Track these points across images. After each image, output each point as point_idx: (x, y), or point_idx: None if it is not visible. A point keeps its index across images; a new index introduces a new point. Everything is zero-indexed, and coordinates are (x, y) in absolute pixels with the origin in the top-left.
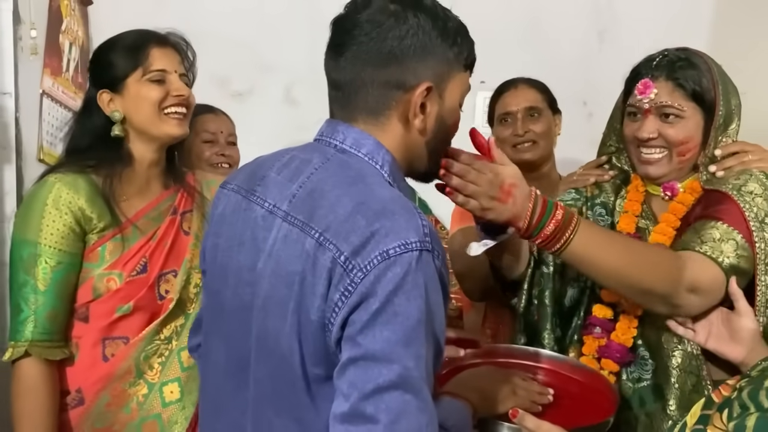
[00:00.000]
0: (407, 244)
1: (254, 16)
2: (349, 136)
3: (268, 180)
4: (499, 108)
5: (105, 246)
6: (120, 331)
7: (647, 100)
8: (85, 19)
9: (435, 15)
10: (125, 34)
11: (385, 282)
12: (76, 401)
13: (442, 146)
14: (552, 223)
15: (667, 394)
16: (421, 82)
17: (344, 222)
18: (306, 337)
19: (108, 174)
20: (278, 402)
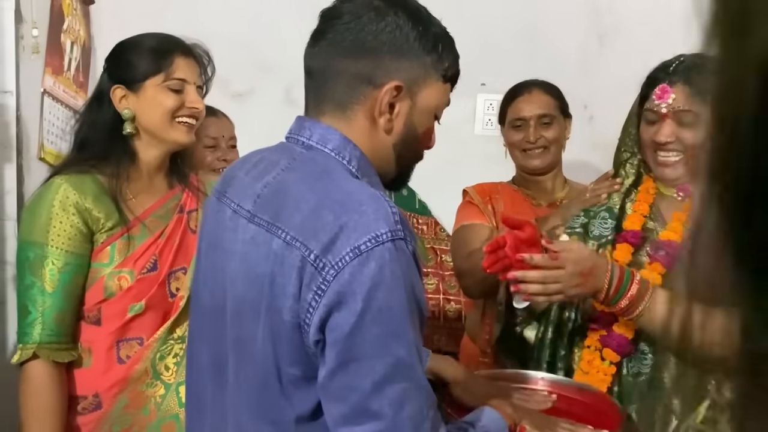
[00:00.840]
0: (378, 237)
1: (255, 17)
2: (315, 132)
3: (237, 181)
4: (512, 112)
5: (114, 245)
6: (134, 332)
7: (665, 105)
8: (86, 18)
9: (417, 17)
10: (151, 36)
11: (362, 279)
12: (93, 406)
13: (411, 155)
14: (627, 298)
15: (669, 388)
16: (390, 80)
17: (310, 219)
18: (280, 338)
19: (113, 173)
20: (253, 405)
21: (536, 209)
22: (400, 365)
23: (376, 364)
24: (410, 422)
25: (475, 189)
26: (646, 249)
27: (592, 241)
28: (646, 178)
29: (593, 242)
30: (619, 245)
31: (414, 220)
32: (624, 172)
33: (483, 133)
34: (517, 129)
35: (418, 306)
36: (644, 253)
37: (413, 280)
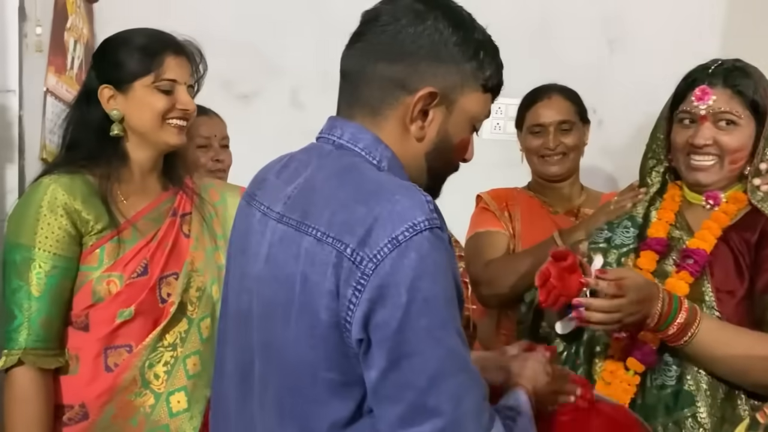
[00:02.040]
0: (415, 226)
1: (261, 19)
2: (346, 132)
3: (267, 183)
4: (531, 118)
5: (103, 248)
6: (122, 339)
7: (704, 107)
8: (90, 16)
9: (459, 23)
10: (140, 33)
11: (404, 270)
12: (80, 416)
13: (444, 165)
14: (675, 325)
15: (698, 401)
16: (425, 86)
17: (341, 213)
18: (315, 340)
19: (104, 174)
20: (283, 412)
21: (554, 217)
22: (453, 357)
23: (429, 358)
24: (471, 416)
25: (490, 195)
26: (672, 257)
27: (614, 251)
28: (671, 186)
29: (615, 251)
30: (643, 253)
31: None
32: (650, 180)
33: (491, 137)
34: (536, 135)
35: (459, 293)
36: (670, 261)
37: (453, 266)
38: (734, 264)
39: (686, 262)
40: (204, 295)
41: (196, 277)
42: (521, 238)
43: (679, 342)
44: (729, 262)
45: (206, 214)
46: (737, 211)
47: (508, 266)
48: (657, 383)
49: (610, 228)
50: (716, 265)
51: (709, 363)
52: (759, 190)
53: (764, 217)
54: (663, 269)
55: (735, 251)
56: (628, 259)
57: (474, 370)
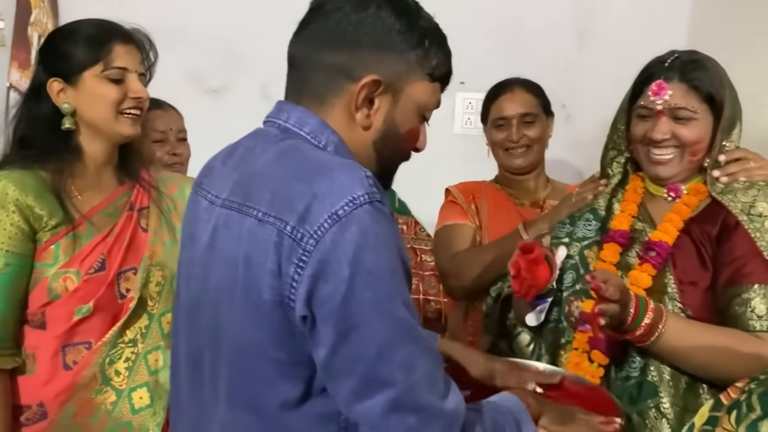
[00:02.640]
0: (354, 200)
1: (230, 11)
2: (292, 115)
3: (214, 171)
4: (494, 111)
5: (58, 244)
6: (81, 336)
7: (661, 102)
8: (54, 11)
9: (402, 12)
10: (86, 23)
11: (344, 245)
12: (38, 416)
13: (393, 153)
14: (642, 327)
15: (660, 391)
16: (368, 74)
17: (281, 192)
18: (261, 320)
19: (57, 169)
20: (233, 394)
21: (519, 209)
22: (401, 327)
23: (377, 329)
24: (424, 384)
25: (458, 188)
26: (635, 250)
27: (576, 244)
28: (633, 177)
29: (577, 244)
30: (606, 245)
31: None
32: (611, 171)
33: (462, 131)
34: (500, 128)
35: (405, 265)
36: (633, 254)
37: (397, 239)
38: (697, 255)
39: (649, 255)
40: (164, 289)
41: (155, 271)
42: (487, 230)
43: (645, 342)
44: (691, 253)
45: (164, 207)
46: (698, 203)
47: (474, 258)
48: (621, 375)
49: (571, 222)
50: (678, 257)
51: (674, 360)
52: (719, 181)
53: (724, 209)
54: (626, 261)
55: (697, 243)
56: (591, 252)
57: (425, 340)
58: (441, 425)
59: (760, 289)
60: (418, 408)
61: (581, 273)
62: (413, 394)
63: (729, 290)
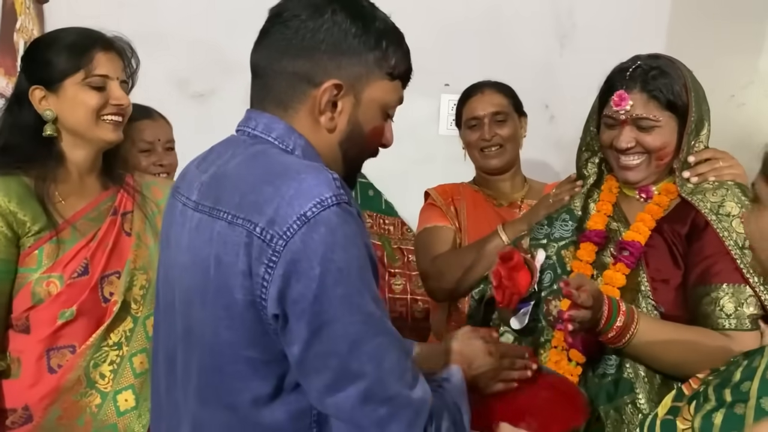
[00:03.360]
0: (322, 201)
1: (216, 17)
2: (260, 122)
3: (188, 175)
4: (466, 112)
5: (42, 249)
6: (65, 340)
7: (623, 112)
8: (40, 17)
9: (357, 15)
10: (69, 31)
11: (314, 245)
12: (23, 419)
13: (359, 152)
14: (614, 329)
15: (636, 388)
16: (329, 78)
17: (250, 195)
18: (233, 321)
19: (40, 175)
20: (205, 392)
21: (498, 209)
22: (370, 321)
23: (348, 324)
24: (393, 375)
25: (437, 190)
26: (610, 249)
27: (553, 244)
28: (608, 177)
29: (555, 245)
30: (582, 245)
31: (380, 220)
32: (586, 171)
33: (447, 133)
34: (473, 128)
35: (372, 261)
36: (608, 253)
37: (364, 237)
38: (669, 254)
39: (622, 254)
40: (149, 293)
41: (139, 275)
42: (467, 232)
43: (618, 344)
44: (663, 252)
45: (148, 211)
46: (669, 202)
47: (454, 260)
48: (598, 372)
49: (549, 223)
50: (651, 256)
51: (646, 359)
52: (689, 182)
53: (694, 209)
54: (602, 261)
55: (668, 241)
56: (568, 252)
57: (393, 332)
58: (410, 414)
59: (728, 288)
60: (388, 399)
61: (559, 273)
62: (383, 386)
63: (698, 289)
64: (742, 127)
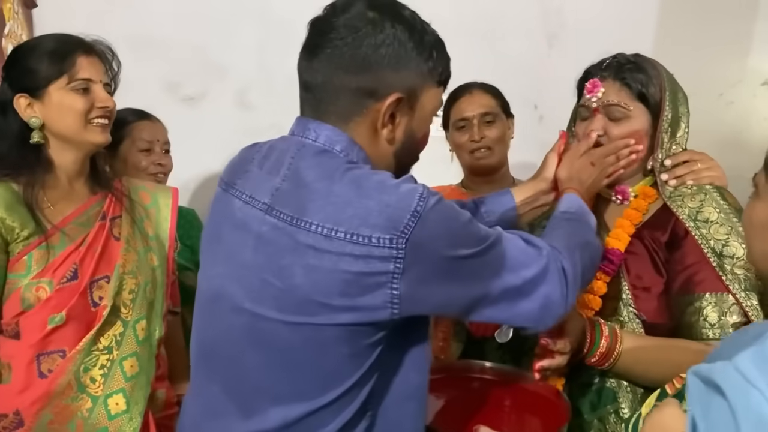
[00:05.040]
0: (422, 195)
1: (204, 20)
2: (321, 134)
3: (250, 174)
4: (455, 114)
5: (31, 254)
6: (55, 345)
7: (595, 99)
8: (29, 22)
9: (413, 27)
10: (47, 38)
11: (431, 224)
12: (14, 424)
13: (410, 159)
14: (597, 354)
15: (619, 397)
16: (392, 92)
17: (349, 209)
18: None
19: (28, 181)
20: (280, 388)
21: None
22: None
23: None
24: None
25: None
26: None
27: None
28: None
29: None
30: None
31: None
32: None
33: (437, 134)
34: (462, 130)
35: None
36: None
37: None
38: (650, 261)
39: (603, 262)
40: (138, 297)
41: (128, 279)
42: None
43: (603, 366)
44: (644, 259)
45: (137, 216)
46: (648, 206)
47: None
48: (581, 381)
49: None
50: (632, 263)
51: (630, 377)
52: (667, 185)
53: (674, 215)
54: None
55: (649, 248)
56: None
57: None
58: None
59: (711, 297)
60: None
61: None
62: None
63: (682, 299)
64: (730, 126)
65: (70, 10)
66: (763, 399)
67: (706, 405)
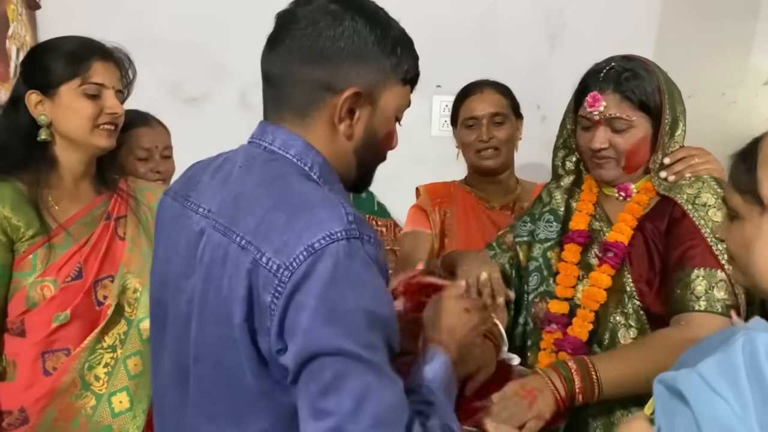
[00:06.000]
0: (332, 235)
1: (206, 21)
2: (277, 138)
3: (202, 185)
4: (464, 112)
5: (36, 254)
6: (60, 343)
7: (597, 113)
8: (32, 23)
9: (375, 21)
10: (68, 40)
11: (315, 277)
12: (19, 421)
13: (373, 157)
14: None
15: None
16: (349, 86)
17: (263, 222)
18: (241, 342)
19: (33, 180)
20: (214, 408)
21: (489, 212)
22: (358, 360)
23: (333, 361)
24: (370, 417)
25: (426, 190)
26: (594, 250)
27: (538, 245)
28: (587, 177)
29: (540, 245)
30: (566, 246)
31: (373, 222)
32: (562, 170)
33: (440, 134)
34: (470, 129)
35: (381, 319)
36: (592, 254)
37: (372, 281)
38: (656, 253)
39: (607, 255)
40: (142, 296)
41: (132, 278)
42: (455, 237)
43: (593, 399)
44: (645, 251)
45: (142, 216)
46: (649, 200)
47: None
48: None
49: (531, 220)
50: (635, 256)
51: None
52: (666, 181)
53: (671, 203)
54: (587, 262)
55: (651, 240)
56: (553, 253)
57: (388, 373)
58: None
59: (701, 271)
60: None
61: (545, 275)
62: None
63: (674, 275)
64: (732, 126)
65: (73, 11)
66: (728, 408)
67: (671, 413)
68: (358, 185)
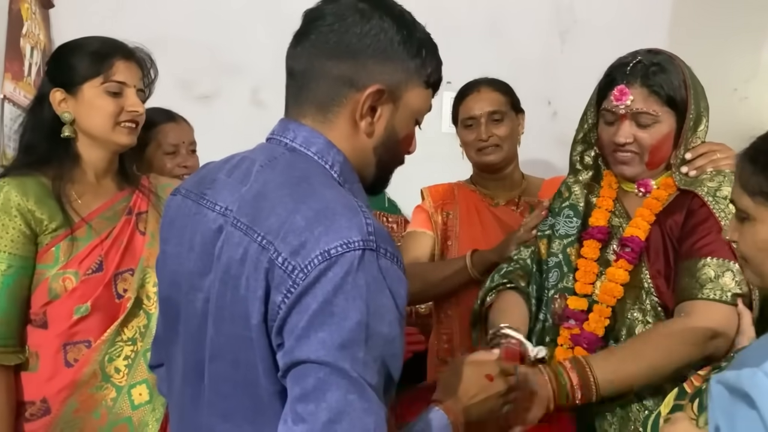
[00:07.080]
0: (349, 243)
1: (218, 18)
2: (299, 135)
3: (219, 183)
4: (463, 112)
5: (59, 246)
6: (81, 335)
7: (623, 107)
8: (46, 22)
9: (402, 22)
10: (93, 39)
11: (324, 282)
12: (42, 411)
13: (392, 158)
14: (577, 388)
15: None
16: (372, 83)
17: (285, 222)
18: (257, 342)
19: (57, 175)
20: (228, 406)
21: (494, 210)
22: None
23: (318, 370)
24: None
25: (430, 192)
26: (612, 246)
27: (558, 241)
28: (606, 173)
29: (559, 241)
30: (586, 242)
31: (384, 218)
32: (580, 165)
33: (450, 131)
34: (469, 128)
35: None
36: (611, 250)
37: (378, 297)
38: (672, 248)
39: (624, 251)
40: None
41: (152, 273)
42: (458, 238)
43: (591, 395)
44: (662, 247)
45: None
46: (668, 196)
47: (419, 271)
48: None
49: (552, 214)
50: (652, 251)
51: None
52: (687, 176)
53: (690, 196)
54: (605, 257)
55: (666, 236)
56: (573, 249)
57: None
58: None
59: (712, 260)
60: None
61: (565, 271)
62: None
63: (682, 264)
64: (744, 121)
65: (87, 10)
66: None
67: (731, 414)
68: (375, 186)
